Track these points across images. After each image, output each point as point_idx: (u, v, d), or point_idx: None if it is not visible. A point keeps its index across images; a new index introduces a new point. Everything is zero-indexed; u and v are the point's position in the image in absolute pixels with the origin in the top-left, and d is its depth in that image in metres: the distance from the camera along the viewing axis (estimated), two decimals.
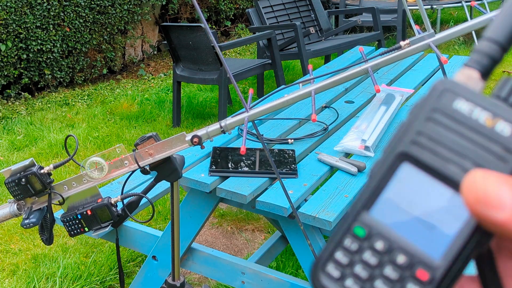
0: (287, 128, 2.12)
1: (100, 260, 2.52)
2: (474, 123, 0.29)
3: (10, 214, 1.20)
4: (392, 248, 0.30)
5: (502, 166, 0.28)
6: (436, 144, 0.29)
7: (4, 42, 4.48)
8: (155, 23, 6.33)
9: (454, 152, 0.29)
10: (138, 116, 4.53)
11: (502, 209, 0.27)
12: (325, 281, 0.31)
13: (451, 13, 7.90)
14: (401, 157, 0.30)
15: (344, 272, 0.30)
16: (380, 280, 0.29)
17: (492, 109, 0.29)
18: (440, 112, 0.30)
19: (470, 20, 1.08)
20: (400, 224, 0.30)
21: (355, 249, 0.30)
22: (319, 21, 5.16)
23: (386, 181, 0.31)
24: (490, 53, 0.30)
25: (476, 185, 0.27)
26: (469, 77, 0.31)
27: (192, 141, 1.15)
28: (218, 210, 2.99)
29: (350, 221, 0.31)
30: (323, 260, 0.31)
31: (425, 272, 0.29)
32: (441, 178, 0.29)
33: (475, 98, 0.29)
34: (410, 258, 0.29)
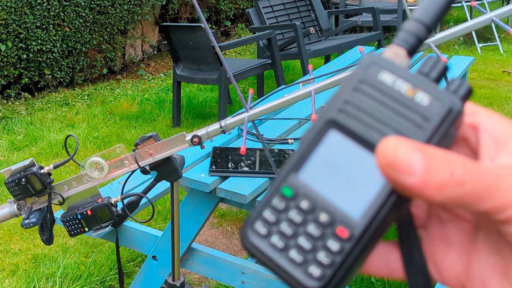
0: (287, 128, 2.12)
1: (100, 260, 2.52)
2: (396, 93, 0.31)
3: (10, 214, 1.19)
4: (315, 207, 0.31)
5: (419, 133, 0.30)
6: (360, 112, 0.31)
7: (4, 42, 4.48)
8: (155, 23, 6.33)
9: (376, 119, 0.31)
10: (138, 116, 4.53)
11: (412, 174, 0.28)
12: (253, 238, 0.32)
13: (451, 13, 7.90)
14: (329, 124, 0.32)
15: (271, 229, 0.32)
16: (303, 237, 0.31)
17: (413, 81, 0.31)
18: (366, 83, 0.32)
19: (470, 20, 1.08)
20: (325, 185, 0.32)
21: (282, 208, 0.32)
22: (319, 21, 5.16)
23: (314, 146, 0.32)
24: (416, 32, 0.32)
25: (388, 150, 0.28)
26: (396, 53, 0.32)
27: (192, 141, 1.15)
28: (218, 210, 2.99)
29: (279, 182, 0.32)
30: (252, 219, 0.33)
31: (345, 229, 0.31)
32: (364, 144, 0.31)
33: (399, 71, 0.31)
34: (332, 216, 0.31)
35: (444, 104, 0.30)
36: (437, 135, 0.30)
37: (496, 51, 6.29)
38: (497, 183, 0.28)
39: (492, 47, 6.40)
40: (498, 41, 6.33)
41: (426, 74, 0.31)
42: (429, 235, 0.35)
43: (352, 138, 0.31)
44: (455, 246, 0.34)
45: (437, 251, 0.34)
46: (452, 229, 0.34)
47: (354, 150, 0.31)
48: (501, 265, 0.32)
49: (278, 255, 0.32)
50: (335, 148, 0.32)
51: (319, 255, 0.31)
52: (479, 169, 0.29)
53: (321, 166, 0.32)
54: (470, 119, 0.33)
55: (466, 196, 0.28)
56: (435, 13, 0.33)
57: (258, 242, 0.32)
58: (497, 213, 0.29)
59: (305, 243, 0.31)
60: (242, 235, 0.33)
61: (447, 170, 0.28)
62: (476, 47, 6.29)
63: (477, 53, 6.17)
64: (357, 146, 0.31)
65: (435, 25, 0.33)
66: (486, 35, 6.73)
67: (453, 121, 0.30)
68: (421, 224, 0.35)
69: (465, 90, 0.31)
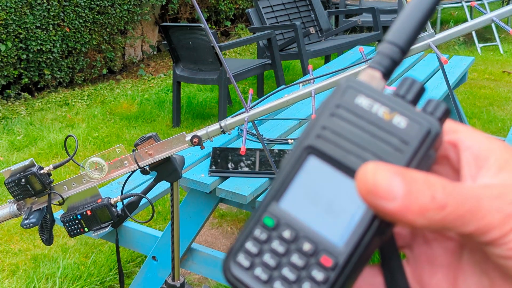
0: (287, 128, 2.12)
1: (100, 260, 2.52)
2: (373, 117, 0.31)
3: (10, 215, 1.19)
4: (298, 237, 0.31)
5: (399, 157, 0.29)
6: (338, 137, 0.31)
7: (4, 42, 4.48)
8: (155, 23, 6.33)
9: (355, 144, 0.30)
10: (138, 116, 4.52)
11: (392, 200, 0.28)
12: (235, 271, 0.32)
13: (451, 13, 7.91)
14: (307, 150, 0.32)
15: (254, 261, 0.32)
16: (287, 268, 0.31)
17: (390, 104, 0.31)
18: (343, 108, 0.31)
19: (470, 20, 1.08)
20: (307, 213, 0.31)
21: (264, 239, 0.32)
22: (319, 21, 5.16)
23: (294, 173, 0.32)
24: (391, 55, 0.32)
25: (367, 176, 0.28)
26: (372, 76, 0.32)
27: (192, 141, 1.15)
28: (218, 210, 2.98)
29: (260, 212, 0.32)
30: (234, 251, 0.32)
31: (329, 258, 0.30)
32: (344, 169, 0.31)
33: (375, 95, 0.31)
34: (315, 245, 0.31)
35: (422, 126, 0.30)
36: (417, 158, 0.29)
37: (496, 51, 6.29)
38: (478, 205, 0.28)
39: (492, 47, 6.40)
40: (498, 41, 6.33)
41: (402, 96, 0.31)
42: (414, 256, 0.34)
43: (332, 164, 0.31)
44: (441, 267, 0.33)
45: (423, 272, 0.34)
46: (437, 248, 0.34)
47: (334, 176, 0.31)
48: (487, 285, 0.31)
49: (263, 287, 0.31)
50: (315, 175, 0.31)
51: (304, 286, 0.30)
52: (460, 191, 0.28)
53: (302, 194, 0.32)
54: (450, 137, 0.33)
55: (448, 219, 0.28)
56: (408, 34, 0.32)
57: (241, 274, 0.32)
58: (481, 235, 0.28)
59: (289, 274, 0.31)
60: (224, 268, 0.32)
61: (429, 194, 0.28)
62: (476, 47, 6.29)
63: (477, 53, 6.17)
64: (337, 172, 0.31)
65: (409, 47, 0.33)
66: (486, 35, 6.73)
67: (432, 143, 0.30)
68: (406, 243, 0.35)
69: (442, 111, 0.31)
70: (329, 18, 5.54)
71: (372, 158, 0.30)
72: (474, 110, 4.41)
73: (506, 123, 4.10)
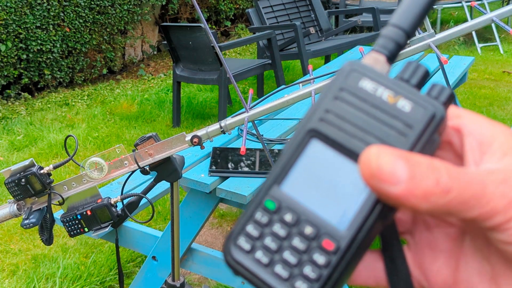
0: (287, 128, 2.12)
1: (100, 260, 2.52)
2: (377, 100, 0.30)
3: (10, 215, 1.19)
4: (300, 220, 0.31)
5: (403, 141, 0.29)
6: (342, 121, 0.30)
7: (4, 42, 4.48)
8: (155, 23, 6.33)
9: (358, 128, 0.30)
10: (138, 116, 4.52)
11: (396, 183, 0.27)
12: (236, 254, 0.31)
13: (451, 13, 7.90)
14: (310, 134, 0.31)
15: (255, 244, 0.31)
16: (289, 251, 0.30)
17: (394, 88, 0.30)
18: (347, 91, 0.31)
19: (470, 20, 1.08)
20: (308, 197, 0.31)
21: (265, 222, 0.31)
22: (319, 21, 5.16)
23: (296, 157, 0.31)
24: (395, 38, 0.32)
25: (370, 160, 0.28)
26: (376, 60, 0.32)
27: (192, 141, 1.15)
28: (218, 210, 2.98)
29: (261, 196, 0.32)
30: (235, 234, 0.32)
31: (331, 242, 0.30)
32: (347, 153, 0.30)
33: (379, 78, 0.31)
34: (317, 229, 0.30)
35: (426, 110, 0.29)
36: (421, 142, 0.29)
37: (496, 51, 6.29)
38: (483, 190, 0.28)
39: (492, 47, 6.40)
40: (498, 41, 6.33)
41: (407, 80, 0.31)
42: (415, 242, 0.34)
43: (335, 147, 0.31)
44: (442, 252, 0.33)
45: (424, 257, 0.34)
46: (439, 234, 0.33)
47: (337, 159, 0.30)
48: (488, 270, 0.31)
49: (263, 271, 0.31)
50: (318, 158, 0.31)
51: (305, 269, 0.30)
52: (465, 176, 0.28)
53: (304, 177, 0.31)
54: (453, 122, 0.33)
55: (452, 203, 0.28)
56: (413, 17, 0.32)
57: (242, 258, 0.31)
58: (484, 220, 0.28)
59: (290, 257, 0.30)
60: (224, 251, 0.32)
61: (433, 178, 0.27)
62: (476, 47, 6.29)
63: (477, 53, 6.17)
64: (340, 155, 0.30)
65: (414, 30, 0.32)
66: (486, 35, 6.73)
67: (436, 127, 0.29)
68: (407, 229, 0.35)
69: (447, 95, 0.30)
70: (329, 18, 5.54)
71: (376, 142, 0.30)
72: (474, 110, 4.41)
73: (506, 123, 4.10)
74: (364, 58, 0.32)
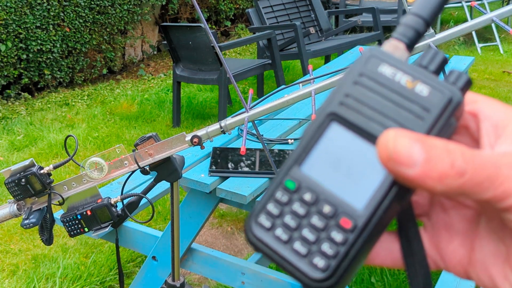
0: (287, 128, 2.12)
1: (100, 260, 2.52)
2: (396, 85, 0.31)
3: (10, 215, 1.19)
4: (319, 199, 0.32)
5: (420, 124, 0.30)
6: (361, 105, 0.31)
7: (4, 42, 4.48)
8: (155, 23, 6.32)
9: (377, 111, 0.31)
10: (138, 116, 4.52)
11: (412, 166, 0.28)
12: (257, 231, 0.33)
13: (451, 13, 7.90)
14: (330, 117, 0.32)
15: (275, 222, 0.32)
16: (307, 229, 0.32)
17: (413, 73, 0.31)
18: (366, 76, 0.32)
19: (470, 20, 1.08)
20: (328, 177, 0.32)
21: (286, 201, 0.32)
22: (319, 21, 5.16)
23: (317, 139, 0.33)
24: (415, 26, 0.33)
25: (388, 143, 0.29)
26: (396, 47, 0.33)
27: (192, 141, 1.15)
28: (218, 210, 2.98)
29: (282, 175, 0.33)
30: (256, 212, 0.33)
31: (348, 220, 0.31)
32: (366, 136, 0.31)
33: (398, 64, 0.32)
34: (335, 208, 0.31)
35: (443, 95, 0.30)
36: (438, 125, 0.30)
37: (496, 51, 6.29)
38: (497, 172, 0.28)
39: (492, 47, 6.40)
40: (498, 41, 6.32)
41: (425, 66, 0.32)
42: (432, 223, 0.35)
43: (354, 130, 0.32)
44: (458, 234, 0.34)
45: (440, 238, 0.34)
46: (455, 216, 0.34)
47: (355, 142, 0.32)
48: (503, 251, 0.32)
49: (283, 247, 0.32)
50: (337, 141, 0.32)
51: (323, 246, 0.31)
52: (479, 158, 0.29)
53: (324, 159, 0.32)
54: (470, 107, 0.33)
55: (467, 185, 0.28)
56: (432, 7, 0.33)
57: (263, 235, 0.32)
58: (498, 201, 0.29)
59: (309, 234, 0.31)
60: (246, 228, 0.33)
61: (448, 160, 0.28)
62: (476, 47, 6.29)
63: (477, 53, 6.17)
64: (359, 138, 0.31)
65: (433, 19, 0.33)
66: (486, 35, 6.73)
67: (453, 111, 0.30)
68: (424, 211, 0.36)
69: (464, 81, 0.31)
70: (329, 18, 5.54)
71: (394, 125, 0.30)
72: None
73: None
74: (384, 45, 0.33)
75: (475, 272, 0.33)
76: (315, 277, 0.31)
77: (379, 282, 2.31)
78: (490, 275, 0.32)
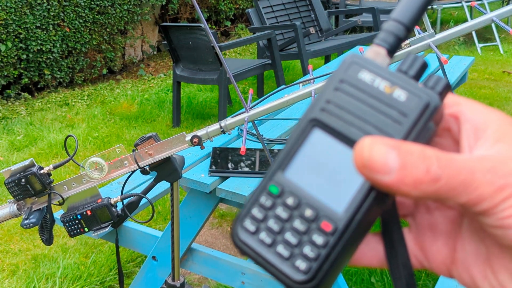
0: (287, 128, 2.12)
1: (100, 260, 2.52)
2: (375, 90, 0.32)
3: (10, 215, 1.19)
4: (301, 203, 0.33)
5: (398, 129, 0.31)
6: (341, 110, 0.32)
7: (4, 42, 4.48)
8: (155, 23, 6.32)
9: (357, 117, 0.32)
10: (138, 116, 4.52)
11: (387, 173, 0.29)
12: (242, 235, 0.34)
13: (451, 13, 7.90)
14: (312, 123, 0.33)
15: (259, 226, 0.33)
16: (290, 232, 0.32)
17: (391, 79, 0.32)
18: (347, 82, 0.33)
19: (470, 20, 1.08)
20: (310, 182, 0.33)
21: (269, 205, 0.33)
22: (319, 21, 5.16)
23: (299, 145, 0.33)
24: (395, 32, 0.34)
25: (363, 151, 0.29)
26: (377, 53, 0.33)
27: (192, 142, 1.15)
28: (218, 210, 2.98)
29: (266, 181, 0.34)
30: (242, 216, 0.34)
31: (328, 223, 0.32)
32: (346, 141, 0.32)
33: (377, 70, 0.32)
34: (316, 211, 0.32)
35: (421, 99, 0.31)
36: (415, 130, 0.30)
37: (496, 51, 6.28)
38: (471, 178, 0.29)
39: (492, 47, 6.40)
40: (498, 41, 6.32)
41: (405, 71, 0.32)
42: (417, 224, 0.36)
43: (334, 135, 0.32)
44: (442, 234, 0.35)
45: (425, 239, 0.35)
46: (439, 217, 0.35)
47: (337, 147, 0.32)
48: (484, 252, 0.32)
49: (267, 250, 0.33)
50: (319, 146, 0.33)
51: (305, 249, 0.32)
52: (455, 164, 0.29)
53: (306, 164, 0.33)
54: (452, 109, 0.34)
55: (442, 190, 0.29)
56: (412, 12, 0.34)
57: (247, 238, 0.33)
58: (473, 206, 0.29)
59: (291, 238, 0.32)
60: (232, 232, 0.34)
61: (423, 167, 0.28)
62: (476, 47, 6.29)
63: (477, 53, 6.17)
64: (339, 143, 0.32)
65: (414, 25, 0.34)
66: (486, 35, 6.73)
67: (431, 115, 0.31)
68: (409, 212, 0.36)
69: (443, 85, 0.32)
70: (329, 18, 5.54)
71: (373, 130, 0.31)
72: None
73: None
74: (366, 52, 0.34)
75: (457, 272, 0.34)
76: (297, 279, 0.32)
77: (379, 282, 2.31)
78: (471, 274, 0.33)
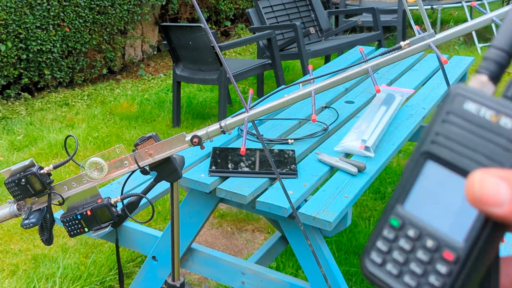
0: (287, 128, 2.12)
1: (100, 260, 2.52)
2: (481, 120, 0.33)
3: (10, 215, 1.19)
4: (422, 235, 0.34)
5: (508, 156, 0.31)
6: (451, 142, 0.34)
7: (4, 42, 4.47)
8: (155, 23, 6.32)
9: (466, 147, 0.33)
10: (138, 116, 4.52)
11: (499, 205, 0.29)
12: (370, 267, 0.36)
13: (451, 13, 7.90)
14: (424, 156, 0.35)
15: (385, 258, 0.36)
16: (414, 263, 0.34)
17: (496, 107, 0.33)
18: (453, 114, 0.34)
19: (470, 20, 1.08)
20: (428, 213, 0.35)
21: (392, 238, 0.36)
22: (319, 21, 5.16)
23: (415, 178, 0.35)
24: (497, 59, 0.35)
25: (474, 185, 0.30)
26: (480, 82, 0.35)
27: (192, 141, 1.15)
28: (218, 210, 2.98)
29: (387, 214, 0.36)
30: (368, 249, 0.37)
31: (450, 253, 0.33)
32: (459, 171, 0.33)
33: (481, 99, 0.34)
34: (438, 242, 0.34)
35: None
36: None
37: None
38: None
39: None
40: None
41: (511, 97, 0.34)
42: None
43: (447, 166, 0.34)
44: None
45: None
46: None
47: (451, 178, 0.34)
48: None
49: (395, 281, 0.35)
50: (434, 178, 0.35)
51: (430, 278, 0.33)
52: None
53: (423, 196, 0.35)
54: None
55: None
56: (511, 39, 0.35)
57: (375, 270, 0.36)
58: None
59: (416, 268, 0.34)
60: (361, 265, 0.36)
61: None
62: (476, 47, 6.29)
63: (477, 53, 6.17)
64: (453, 173, 0.34)
65: None
66: (486, 35, 6.73)
67: None
68: None
69: None
70: (329, 18, 5.54)
71: (483, 159, 0.32)
72: None
73: None
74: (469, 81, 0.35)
75: None
76: None
77: None
78: None
